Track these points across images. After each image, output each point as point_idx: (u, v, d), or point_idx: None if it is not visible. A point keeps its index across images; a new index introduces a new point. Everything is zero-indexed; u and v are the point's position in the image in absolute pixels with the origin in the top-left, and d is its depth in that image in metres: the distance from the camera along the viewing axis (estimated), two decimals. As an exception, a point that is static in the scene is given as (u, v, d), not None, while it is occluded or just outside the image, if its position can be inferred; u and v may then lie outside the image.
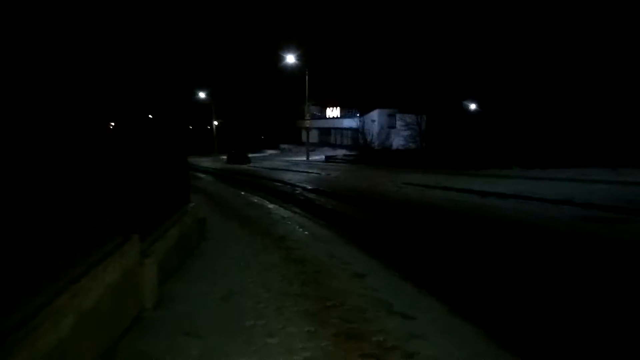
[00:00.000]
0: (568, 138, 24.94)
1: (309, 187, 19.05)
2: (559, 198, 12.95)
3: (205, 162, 49.27)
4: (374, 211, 12.23)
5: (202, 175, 27.95)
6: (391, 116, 48.11)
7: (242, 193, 16.17)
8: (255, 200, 13.93)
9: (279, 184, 21.49)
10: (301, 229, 8.79)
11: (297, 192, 17.54)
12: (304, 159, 48.33)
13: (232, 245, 7.46)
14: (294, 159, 50.86)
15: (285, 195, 16.29)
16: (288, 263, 6.19)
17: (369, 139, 41.03)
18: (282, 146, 68.11)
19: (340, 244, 7.55)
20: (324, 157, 48.66)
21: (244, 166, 40.67)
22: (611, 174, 19.04)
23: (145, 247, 4.51)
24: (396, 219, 10.80)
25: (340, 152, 51.62)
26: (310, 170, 31.22)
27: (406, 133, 35.27)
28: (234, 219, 10.25)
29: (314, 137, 61.49)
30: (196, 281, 5.31)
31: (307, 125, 51.23)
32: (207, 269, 5.91)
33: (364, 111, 51.09)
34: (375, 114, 49.55)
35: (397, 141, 38.28)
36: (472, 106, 34.63)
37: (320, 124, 62.84)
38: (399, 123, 39.42)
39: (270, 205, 12.81)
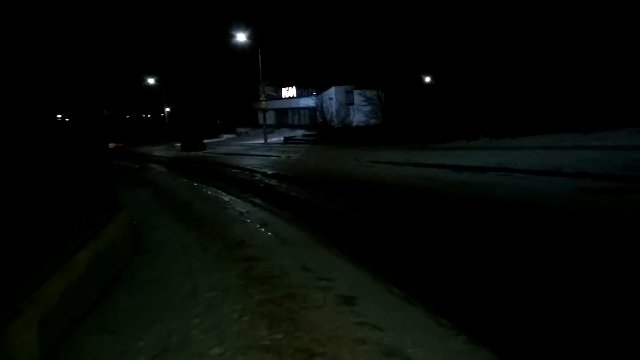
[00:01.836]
0: (533, 104, 24.04)
1: (269, 172, 17.40)
2: (545, 168, 11.78)
3: (158, 150, 46.66)
4: (345, 196, 10.72)
5: (154, 166, 25.79)
6: (349, 93, 46.51)
7: (195, 184, 14.37)
8: (210, 193, 12.19)
9: (236, 170, 19.72)
10: (263, 228, 7.19)
11: (257, 178, 15.86)
12: (262, 142, 46.41)
13: (176, 258, 5.80)
14: (251, 142, 48.86)
15: (244, 183, 14.59)
16: (249, 284, 4.60)
17: (328, 118, 39.48)
18: (239, 130, 65.63)
19: (312, 246, 6.00)
20: (282, 138, 46.85)
21: (199, 153, 38.49)
22: (587, 139, 18.16)
23: (16, 300, 2.83)
24: (373, 206, 9.32)
25: (299, 133, 49.90)
26: (269, 154, 29.46)
27: (367, 109, 33.78)
28: (183, 219, 8.54)
29: (271, 118, 59.34)
30: (116, 331, 3.67)
31: (263, 107, 49.04)
32: (135, 304, 4.26)
33: (321, 89, 49.31)
34: (332, 92, 47.86)
35: (358, 117, 36.78)
36: (427, 79, 33.43)
37: (277, 104, 60.67)
38: (358, 99, 37.83)
39: (227, 197, 11.11)
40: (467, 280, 4.59)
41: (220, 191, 12.34)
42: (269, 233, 6.78)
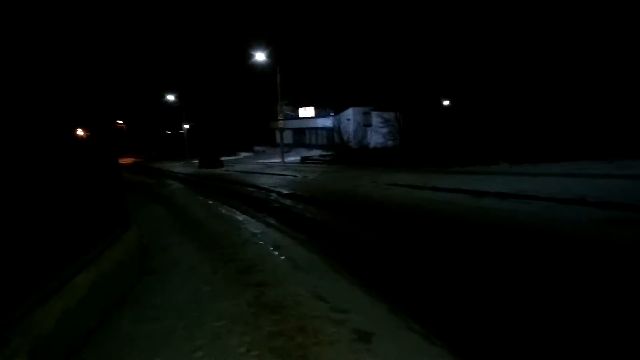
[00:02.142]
0: (554, 130, 23.60)
1: (285, 192, 17.18)
2: (568, 197, 11.36)
3: (176, 167, 46.93)
4: (362, 220, 10.42)
5: (170, 182, 25.78)
6: (366, 114, 46.46)
7: (210, 202, 14.20)
8: (224, 211, 11.99)
9: (252, 189, 19.55)
10: (276, 251, 6.93)
11: (272, 198, 15.64)
12: (279, 160, 46.43)
13: (185, 281, 5.56)
14: (268, 161, 48.89)
15: (259, 202, 14.38)
16: (258, 313, 4.33)
17: (345, 138, 39.33)
18: (256, 148, 65.92)
19: (326, 273, 5.72)
20: (299, 158, 46.83)
21: (217, 170, 38.53)
22: (609, 167, 17.65)
23: (4, 327, 2.59)
24: (390, 230, 9.00)
25: (316, 153, 49.87)
26: (285, 173, 29.32)
27: (385, 130, 33.56)
28: (195, 238, 8.32)
29: (288, 138, 59.51)
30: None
31: (281, 126, 49.20)
32: (138, 332, 4.01)
33: (339, 110, 49.36)
34: (350, 112, 47.87)
35: (375, 139, 36.59)
36: (446, 102, 33.16)
37: (294, 124, 60.90)
38: (376, 120, 37.68)
39: (241, 217, 10.89)
40: (489, 314, 4.26)
41: (234, 210, 12.14)
42: (282, 257, 6.52)
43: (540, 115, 24.33)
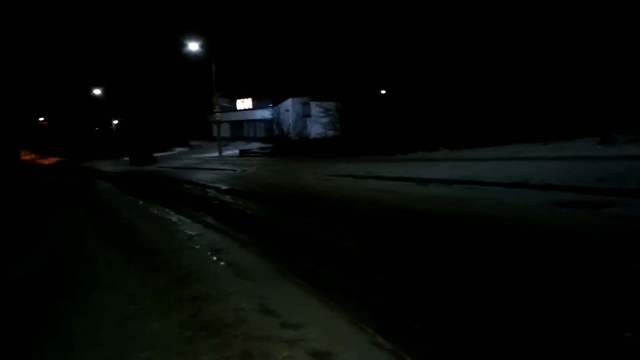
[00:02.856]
0: (490, 115, 23.93)
1: (223, 188, 16.33)
2: (512, 181, 11.25)
3: (106, 165, 44.49)
4: (307, 214, 9.81)
5: (99, 182, 24.10)
6: (306, 104, 45.86)
7: (141, 202, 13.14)
8: (156, 212, 11.03)
9: (188, 186, 18.52)
10: (215, 256, 6.19)
11: (210, 194, 14.77)
12: (217, 155, 45.09)
13: (108, 298, 4.75)
14: (205, 155, 47.40)
15: (195, 200, 13.48)
16: (194, 337, 3.63)
17: (285, 130, 38.58)
18: (192, 143, 63.76)
19: (273, 279, 5.07)
20: (237, 151, 45.70)
21: (150, 167, 36.74)
22: (545, 149, 18.01)
23: None
24: (338, 224, 8.46)
25: (255, 145, 48.87)
26: (223, 167, 28.30)
27: (325, 120, 33.05)
28: (122, 246, 7.43)
29: (225, 131, 57.92)
30: None
31: (217, 119, 47.70)
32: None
33: (277, 101, 48.44)
34: (289, 103, 47.11)
35: (316, 129, 36.02)
36: (384, 91, 33.10)
37: (232, 116, 59.34)
38: (315, 110, 37.07)
39: (175, 218, 10.01)
40: (466, 319, 3.77)
41: (168, 210, 11.20)
42: (222, 262, 5.79)
43: (475, 101, 24.62)
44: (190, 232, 8.10)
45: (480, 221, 7.45)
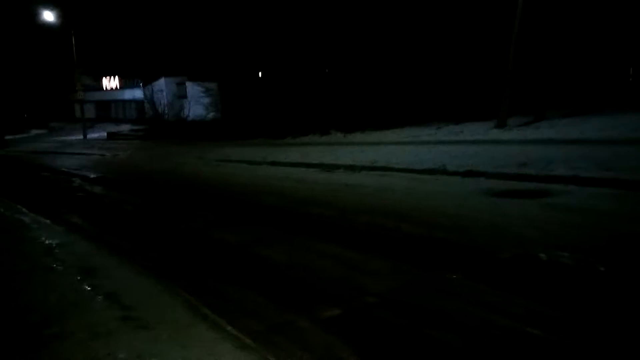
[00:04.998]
0: (379, 98, 23.52)
1: (92, 176, 13.82)
2: (426, 167, 10.41)
3: (-60, 150, 37.60)
4: (205, 208, 8.06)
5: None
6: (181, 85, 42.56)
7: (-19, 197, 10.32)
8: (2, 210, 8.51)
9: (47, 173, 15.55)
10: (88, 283, 4.30)
11: (75, 185, 12.25)
12: (81, 137, 40.39)
13: None
14: (68, 138, 42.27)
15: (57, 192, 10.98)
16: None
17: (160, 111, 35.34)
18: (52, 124, 56.76)
19: (186, 324, 3.39)
20: (105, 134, 41.31)
21: (0, 152, 31.60)
22: (441, 133, 17.72)
23: None
24: (251, 224, 6.89)
25: (125, 128, 44.60)
26: (90, 152, 24.89)
27: (206, 101, 30.55)
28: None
29: (90, 112, 52.26)
30: None
31: (81, 97, 42.68)
32: None
33: (148, 80, 44.41)
34: (162, 83, 43.32)
35: (195, 111, 33.23)
36: (265, 70, 31.47)
37: (97, 96, 53.60)
38: (195, 90, 34.10)
39: (28, 218, 7.66)
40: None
41: (19, 207, 8.68)
42: (100, 295, 3.94)
43: (365, 84, 24.03)
44: (49, 241, 5.98)
45: (426, 220, 6.33)
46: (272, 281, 4.32)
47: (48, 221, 7.37)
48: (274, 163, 14.00)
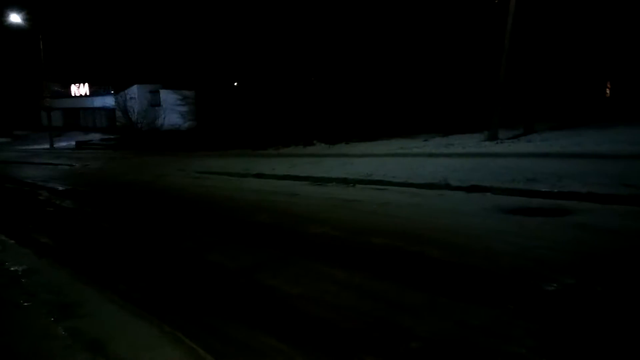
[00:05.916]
0: (363, 110, 23.04)
1: (61, 189, 12.81)
2: (426, 181, 9.82)
3: None
4: (195, 226, 7.25)
5: None
6: (154, 92, 41.38)
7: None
8: (-41, 228, 7.53)
9: (11, 185, 14.42)
10: (63, 324, 3.49)
11: (42, 198, 11.24)
12: (47, 147, 38.76)
13: None
14: (33, 147, 40.55)
15: (23, 207, 9.98)
16: None
17: (133, 119, 34.09)
18: (17, 132, 54.57)
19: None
20: (74, 143, 39.83)
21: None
22: (431, 145, 17.22)
23: None
24: (251, 246, 6.13)
25: (95, 136, 43.16)
26: (58, 162, 23.58)
27: (184, 109, 29.50)
28: None
29: (57, 120, 50.42)
30: None
31: (48, 105, 41.05)
32: None
33: (120, 88, 43.08)
34: (134, 91, 42.01)
35: (170, 120, 32.12)
36: (242, 81, 30.64)
37: (65, 103, 51.77)
38: (171, 98, 32.87)
39: (-12, 239, 6.73)
40: None
41: (-21, 224, 7.75)
42: (79, 343, 3.15)
43: (349, 95, 23.50)
44: (15, 267, 5.10)
45: (451, 243, 5.69)
46: (289, 320, 3.58)
47: (12, 241, 6.49)
48: (259, 175, 13.25)
